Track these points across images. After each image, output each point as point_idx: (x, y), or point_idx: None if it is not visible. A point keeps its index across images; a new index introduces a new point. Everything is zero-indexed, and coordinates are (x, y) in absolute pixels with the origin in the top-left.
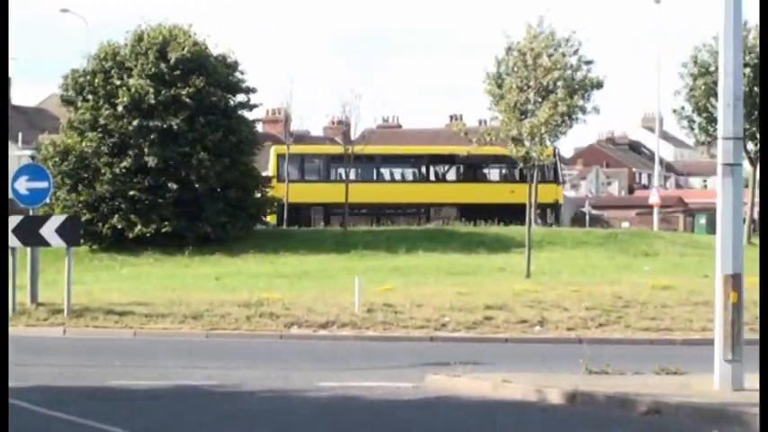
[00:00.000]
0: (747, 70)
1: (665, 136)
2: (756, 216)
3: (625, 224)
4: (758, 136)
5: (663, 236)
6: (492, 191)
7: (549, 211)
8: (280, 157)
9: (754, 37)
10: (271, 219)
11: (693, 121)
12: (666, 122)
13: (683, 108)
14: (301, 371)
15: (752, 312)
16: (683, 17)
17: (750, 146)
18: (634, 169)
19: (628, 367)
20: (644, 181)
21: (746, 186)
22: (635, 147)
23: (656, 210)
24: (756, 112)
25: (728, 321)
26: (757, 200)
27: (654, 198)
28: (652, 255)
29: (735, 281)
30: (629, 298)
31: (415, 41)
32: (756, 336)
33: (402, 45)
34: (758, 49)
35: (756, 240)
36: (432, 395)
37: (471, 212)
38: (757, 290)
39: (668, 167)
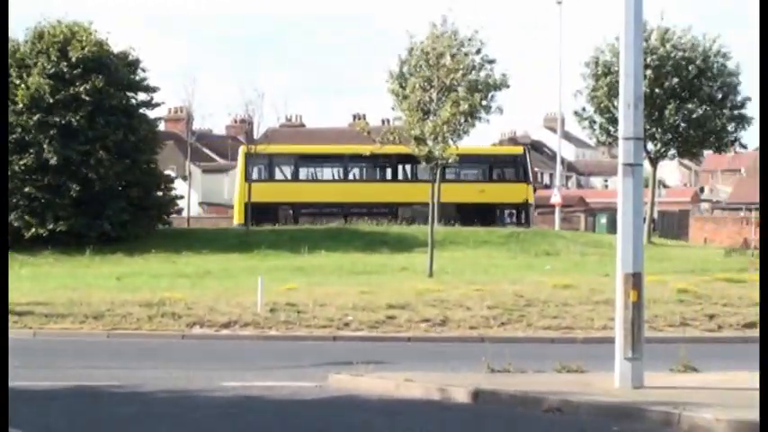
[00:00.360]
0: (648, 72)
1: (567, 136)
2: (656, 216)
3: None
4: (657, 136)
5: (564, 235)
6: (461, 190)
7: (518, 212)
8: (247, 156)
9: (655, 38)
10: (238, 219)
11: (595, 122)
12: (568, 122)
13: (584, 108)
14: (204, 371)
15: (651, 311)
16: (585, 17)
17: (650, 146)
18: (536, 169)
19: (530, 366)
20: (546, 181)
21: (646, 186)
22: (537, 147)
23: (557, 209)
24: (656, 113)
25: (629, 320)
26: (657, 199)
27: (555, 198)
28: (553, 254)
29: (635, 280)
30: (530, 297)
31: (319, 41)
32: (655, 333)
33: (306, 44)
34: (660, 51)
35: (656, 240)
36: (335, 394)
37: (441, 212)
38: (656, 288)
39: (570, 167)
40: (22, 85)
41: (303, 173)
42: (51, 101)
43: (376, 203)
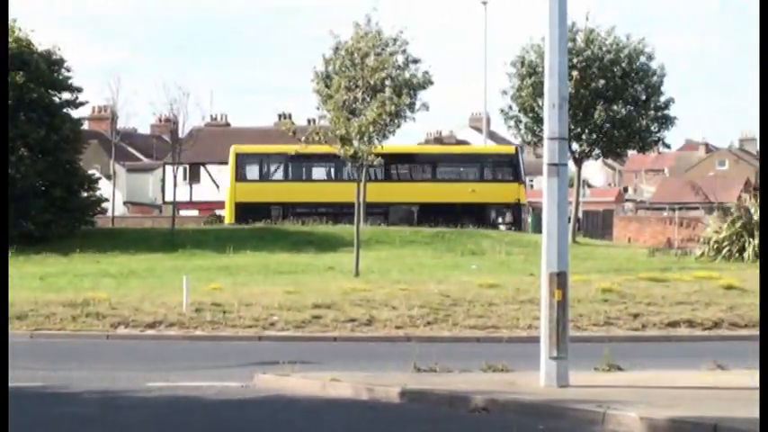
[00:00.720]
0: (574, 73)
1: (493, 136)
2: (581, 215)
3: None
4: (583, 137)
5: (489, 234)
6: (452, 190)
7: (509, 212)
8: (239, 156)
9: (581, 40)
10: (229, 219)
11: (520, 121)
12: (494, 122)
13: (509, 108)
14: (129, 371)
15: (576, 310)
16: (510, 18)
17: (575, 146)
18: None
19: (456, 365)
20: None
21: (571, 186)
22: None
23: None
24: (581, 113)
25: (554, 319)
26: (582, 199)
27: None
28: (479, 253)
29: (560, 279)
30: (456, 296)
31: (245, 40)
32: (580, 333)
33: (232, 43)
34: (587, 52)
35: (581, 239)
36: (261, 395)
37: (431, 212)
38: (581, 288)
39: None
40: None
41: (294, 173)
42: None
43: (368, 204)
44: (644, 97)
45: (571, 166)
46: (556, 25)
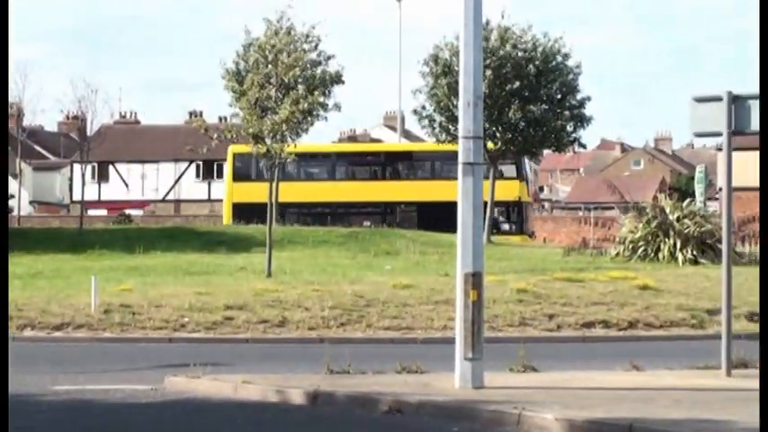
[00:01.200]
0: (488, 72)
1: (407, 135)
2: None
3: (366, 223)
4: (497, 135)
5: (404, 234)
6: (451, 188)
7: (511, 211)
8: (237, 156)
9: (495, 39)
10: (227, 220)
11: (435, 120)
12: (408, 121)
13: (424, 107)
14: (35, 374)
15: (491, 311)
16: (425, 16)
17: (490, 145)
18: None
19: (369, 366)
20: None
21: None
22: None
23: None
24: (496, 112)
25: (469, 320)
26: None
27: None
28: (393, 254)
29: (475, 279)
30: (370, 297)
31: (155, 36)
32: (495, 333)
33: (140, 40)
34: (501, 52)
35: (495, 239)
36: (171, 397)
37: (431, 211)
38: (496, 288)
39: None
40: None
41: (291, 172)
42: None
43: (366, 203)
44: (559, 96)
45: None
46: (471, 23)
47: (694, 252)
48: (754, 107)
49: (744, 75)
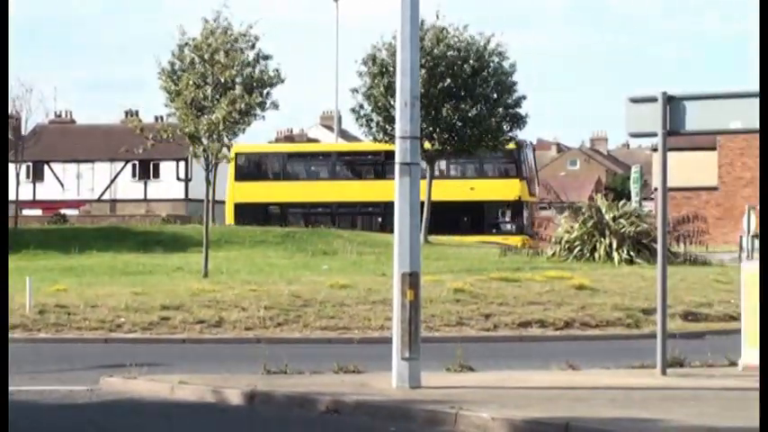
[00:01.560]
0: (423, 71)
1: (344, 134)
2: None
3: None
4: (434, 135)
5: (341, 234)
6: (451, 188)
7: (510, 211)
8: (239, 155)
9: (430, 39)
10: (230, 219)
11: (372, 120)
12: (345, 121)
13: (361, 107)
14: None
15: (428, 311)
16: (362, 15)
17: (427, 145)
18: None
19: (307, 367)
20: None
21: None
22: None
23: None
24: (433, 112)
25: (406, 319)
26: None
27: None
28: (330, 253)
29: (412, 279)
30: (307, 297)
31: (90, 35)
32: (432, 333)
33: (76, 39)
34: (435, 51)
35: (432, 239)
36: (107, 398)
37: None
38: (433, 288)
39: None
40: None
41: (291, 172)
42: None
43: (366, 203)
44: (495, 96)
45: (423, 165)
46: (408, 24)
47: (630, 252)
48: (689, 108)
49: (680, 76)
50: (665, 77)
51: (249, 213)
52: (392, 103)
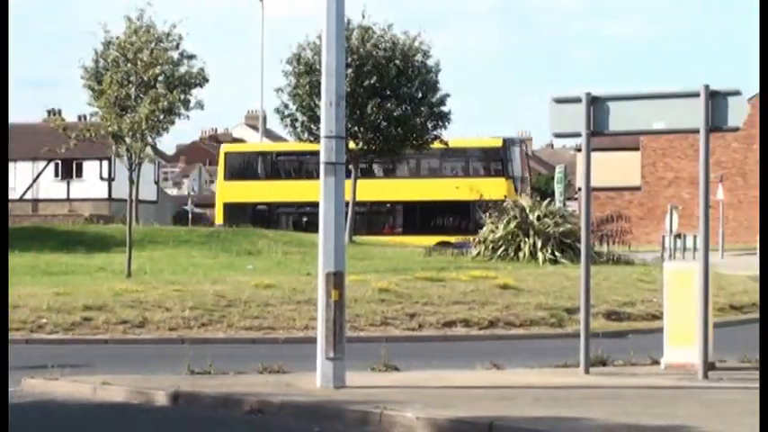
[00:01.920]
0: (349, 71)
1: (269, 134)
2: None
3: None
4: (360, 135)
5: (266, 234)
6: (435, 187)
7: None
8: (228, 155)
9: (356, 38)
10: (219, 219)
11: (297, 120)
12: (270, 120)
13: (286, 106)
14: None
15: (353, 310)
16: (288, 15)
17: (352, 144)
18: None
19: (231, 367)
20: None
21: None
22: None
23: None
24: (358, 112)
25: (330, 319)
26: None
27: None
28: (255, 253)
29: (336, 279)
30: (231, 297)
31: (12, 32)
32: (357, 333)
33: None
34: (361, 51)
35: (357, 238)
36: (28, 399)
37: (414, 210)
38: (358, 287)
39: None
40: None
41: (280, 171)
42: None
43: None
44: (420, 95)
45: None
46: (333, 23)
47: (554, 251)
48: (613, 108)
49: (603, 76)
50: (590, 78)
51: (238, 213)
52: (317, 102)
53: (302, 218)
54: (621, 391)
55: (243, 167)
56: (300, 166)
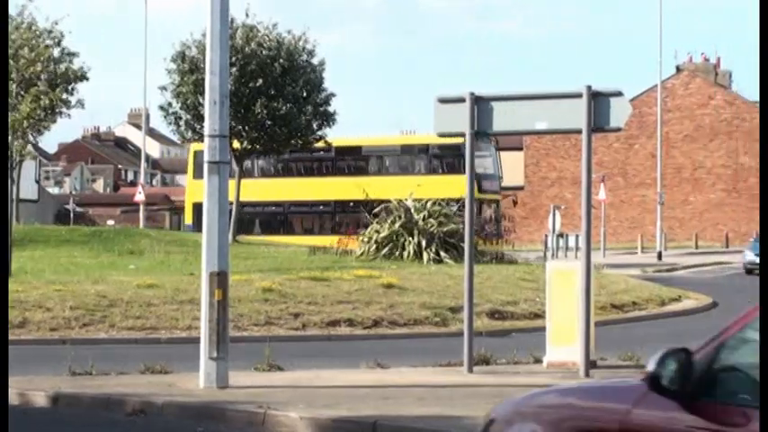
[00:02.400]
0: (234, 70)
1: (153, 133)
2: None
3: (110, 222)
4: (243, 134)
5: (149, 233)
6: (398, 184)
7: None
8: (198, 153)
9: (240, 37)
10: (189, 219)
11: (180, 118)
12: (154, 119)
13: (170, 104)
14: None
15: (237, 310)
16: (172, 12)
17: (236, 143)
18: (120, 166)
19: (113, 368)
20: (130, 178)
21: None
22: (121, 143)
23: (141, 207)
24: (243, 110)
25: (214, 319)
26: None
27: (140, 196)
28: (138, 253)
29: (220, 279)
30: (113, 297)
31: None
32: (240, 333)
33: None
34: (246, 50)
35: (240, 238)
36: None
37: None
38: (242, 287)
39: (155, 165)
40: None
41: (246, 169)
42: None
43: (315, 201)
44: (304, 94)
45: (233, 163)
46: (218, 21)
47: (438, 251)
48: (496, 108)
49: (488, 77)
50: (474, 78)
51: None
52: (201, 101)
53: (267, 217)
54: (503, 389)
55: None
56: (265, 164)
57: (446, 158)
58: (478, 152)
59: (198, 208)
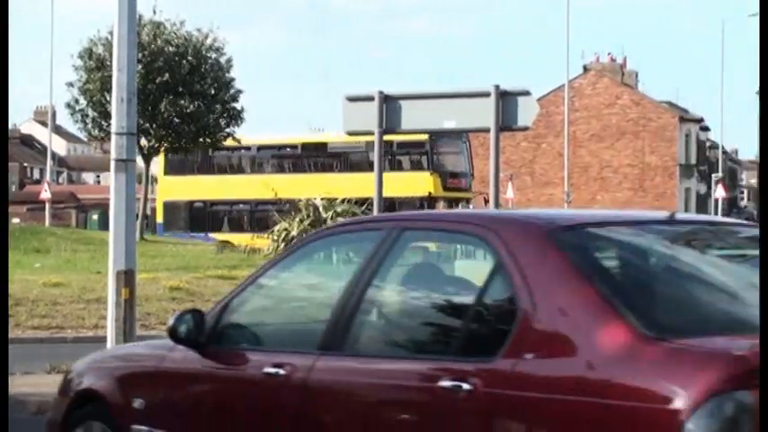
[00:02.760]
0: (140, 66)
1: (59, 130)
2: (149, 212)
3: (16, 220)
4: (151, 132)
5: (55, 232)
6: (356, 182)
7: (421, 208)
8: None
9: (147, 33)
10: (159, 217)
11: (87, 116)
12: (60, 116)
13: (76, 101)
14: None
15: (144, 309)
16: (79, 8)
17: (143, 141)
18: (25, 164)
19: (18, 368)
20: (36, 176)
21: (139, 182)
22: (26, 141)
23: (47, 205)
24: (150, 108)
25: (120, 318)
26: (150, 195)
27: (46, 194)
28: (44, 251)
29: (127, 277)
30: (19, 296)
31: None
32: (148, 332)
33: None
34: (152, 46)
35: (148, 236)
36: None
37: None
38: (149, 286)
39: (61, 162)
40: None
41: (216, 166)
42: None
43: (285, 201)
44: (213, 92)
45: (140, 162)
46: (125, 18)
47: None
48: (405, 107)
49: (396, 75)
50: (383, 77)
51: (178, 211)
52: (108, 98)
53: (236, 215)
54: None
55: (181, 161)
56: (233, 161)
57: (409, 156)
58: (449, 149)
59: (170, 206)
